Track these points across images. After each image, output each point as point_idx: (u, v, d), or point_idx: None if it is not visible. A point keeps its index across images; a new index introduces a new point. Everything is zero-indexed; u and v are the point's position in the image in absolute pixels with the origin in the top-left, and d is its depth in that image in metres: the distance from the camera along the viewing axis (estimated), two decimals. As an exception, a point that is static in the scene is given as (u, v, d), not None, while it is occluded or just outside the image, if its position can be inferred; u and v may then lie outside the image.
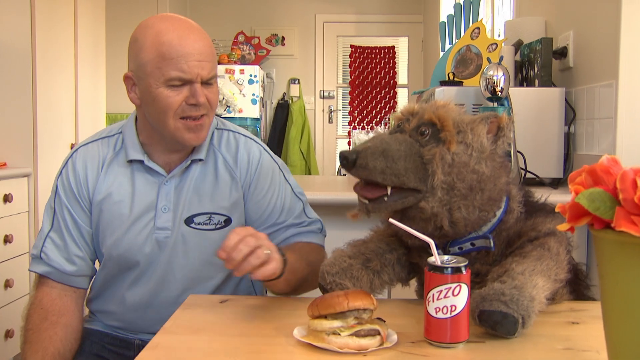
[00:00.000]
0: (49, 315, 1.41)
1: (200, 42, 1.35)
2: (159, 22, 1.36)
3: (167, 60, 1.32)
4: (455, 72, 2.63)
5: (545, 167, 2.31)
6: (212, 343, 1.05)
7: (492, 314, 1.00)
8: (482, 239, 1.16)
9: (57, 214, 1.46)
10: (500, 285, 1.03)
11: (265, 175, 1.48)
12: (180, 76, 1.32)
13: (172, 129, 1.37)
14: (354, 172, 1.12)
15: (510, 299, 1.00)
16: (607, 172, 0.76)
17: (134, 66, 1.37)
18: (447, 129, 1.12)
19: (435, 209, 1.10)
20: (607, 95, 2.12)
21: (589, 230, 0.78)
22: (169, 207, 1.43)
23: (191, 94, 1.34)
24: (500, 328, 1.00)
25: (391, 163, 1.10)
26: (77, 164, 1.47)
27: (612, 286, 0.77)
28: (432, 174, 1.09)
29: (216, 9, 6.49)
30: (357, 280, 1.19)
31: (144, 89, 1.37)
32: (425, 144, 1.12)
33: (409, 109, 1.20)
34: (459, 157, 1.10)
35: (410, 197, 1.11)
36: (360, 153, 1.11)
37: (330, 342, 0.98)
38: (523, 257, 1.11)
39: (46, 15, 3.50)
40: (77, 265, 1.45)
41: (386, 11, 6.67)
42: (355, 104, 6.89)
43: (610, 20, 2.10)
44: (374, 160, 1.10)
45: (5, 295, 3.07)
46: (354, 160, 1.11)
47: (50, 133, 3.56)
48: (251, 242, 1.11)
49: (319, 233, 1.52)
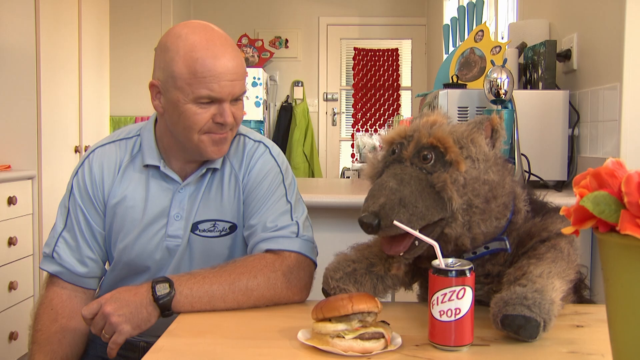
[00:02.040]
0: (59, 317, 1.41)
1: (233, 62, 1.33)
2: (191, 34, 1.33)
3: (200, 79, 1.30)
4: (459, 74, 2.62)
5: (549, 169, 2.30)
6: (216, 346, 1.05)
7: (516, 318, 0.99)
8: (496, 242, 1.16)
9: (70, 213, 1.46)
10: (522, 289, 1.02)
11: (262, 178, 1.45)
12: (210, 95, 1.31)
13: (196, 142, 1.36)
14: (381, 234, 1.10)
15: (532, 302, 1.00)
16: (611, 175, 0.76)
17: (163, 76, 1.35)
18: (451, 150, 1.09)
19: (458, 232, 1.09)
20: (612, 97, 2.12)
21: (593, 233, 0.78)
22: (182, 215, 1.42)
23: (219, 113, 1.34)
24: (524, 332, 1.00)
25: (413, 209, 1.07)
26: (94, 165, 1.46)
27: (617, 289, 0.77)
28: (449, 200, 1.07)
29: (220, 12, 6.50)
30: (361, 285, 1.18)
31: (170, 101, 1.35)
32: (432, 170, 1.10)
33: (400, 132, 1.17)
34: (469, 174, 1.09)
35: (437, 228, 1.10)
36: (380, 213, 1.07)
37: (334, 345, 0.98)
38: (539, 259, 1.10)
39: (51, 19, 3.52)
40: (89, 266, 1.45)
41: (389, 14, 6.67)
42: (358, 106, 6.89)
43: (615, 23, 2.09)
44: (397, 215, 1.07)
45: (10, 297, 3.07)
46: (378, 223, 1.07)
47: (55, 136, 3.57)
48: (99, 324, 1.23)
49: (293, 237, 1.38)
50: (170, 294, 1.22)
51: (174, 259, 1.43)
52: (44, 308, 1.42)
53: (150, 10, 5.67)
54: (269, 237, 1.37)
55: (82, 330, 1.43)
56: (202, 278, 1.26)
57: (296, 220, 1.41)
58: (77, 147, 3.85)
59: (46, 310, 1.42)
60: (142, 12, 5.67)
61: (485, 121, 1.14)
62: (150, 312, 1.22)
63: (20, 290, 3.15)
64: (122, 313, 1.21)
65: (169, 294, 1.22)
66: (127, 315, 1.22)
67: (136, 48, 5.64)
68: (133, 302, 1.23)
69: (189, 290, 1.24)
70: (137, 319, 1.22)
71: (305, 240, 1.40)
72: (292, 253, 1.36)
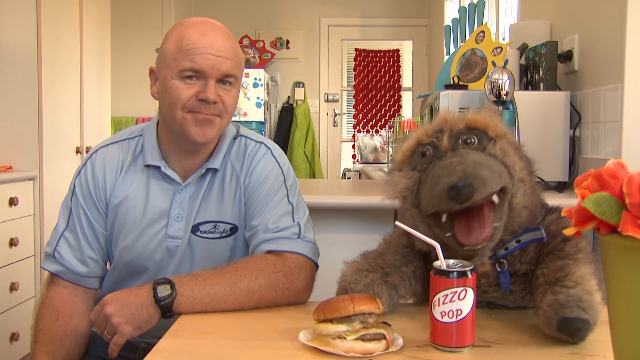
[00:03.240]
0: (60, 316, 1.41)
1: (221, 41, 1.35)
2: (189, 21, 1.39)
3: (184, 52, 1.33)
4: (460, 75, 2.63)
5: (551, 170, 2.30)
6: (217, 347, 1.05)
7: (575, 321, 0.98)
8: (530, 233, 1.12)
9: (72, 213, 1.46)
10: (575, 291, 1.01)
11: (264, 179, 1.44)
12: (193, 67, 1.32)
13: (180, 120, 1.36)
14: (477, 196, 1.00)
15: (588, 305, 0.99)
16: (613, 176, 0.76)
17: (157, 60, 1.40)
18: (492, 127, 1.09)
19: (523, 201, 1.07)
20: (613, 98, 2.11)
21: (595, 234, 0.78)
22: (182, 216, 1.42)
23: (202, 89, 1.34)
24: (579, 335, 0.99)
25: (489, 169, 1.03)
26: (97, 165, 1.47)
27: (619, 291, 0.77)
28: (512, 165, 1.06)
29: (221, 13, 6.50)
30: (379, 296, 1.14)
31: (161, 81, 1.38)
32: (484, 148, 1.08)
33: (426, 131, 1.13)
34: (511, 147, 1.09)
35: (505, 202, 1.06)
36: (469, 176, 1.00)
37: (335, 346, 0.97)
38: (573, 259, 1.09)
39: (52, 20, 3.52)
40: (90, 266, 1.45)
41: (391, 14, 6.67)
42: (359, 107, 6.89)
43: (616, 24, 2.09)
44: (483, 173, 1.01)
45: (11, 298, 3.08)
46: (471, 184, 0.99)
47: (56, 137, 3.57)
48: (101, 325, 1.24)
49: (295, 238, 1.38)
50: (171, 295, 1.22)
51: (174, 260, 1.43)
52: (46, 308, 1.43)
53: (151, 11, 5.68)
54: (270, 238, 1.37)
55: (83, 330, 1.43)
56: (203, 279, 1.26)
57: (298, 222, 1.40)
58: (79, 148, 3.85)
59: (48, 310, 1.42)
60: (144, 14, 5.68)
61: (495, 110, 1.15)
62: (151, 313, 1.23)
63: (21, 291, 3.15)
64: (123, 314, 1.22)
65: (170, 296, 1.22)
66: (128, 316, 1.22)
67: (137, 49, 5.64)
68: (134, 303, 1.23)
69: (190, 291, 1.24)
70: (138, 320, 1.22)
71: (307, 241, 1.39)
72: (293, 254, 1.36)
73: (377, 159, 5.98)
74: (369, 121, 6.88)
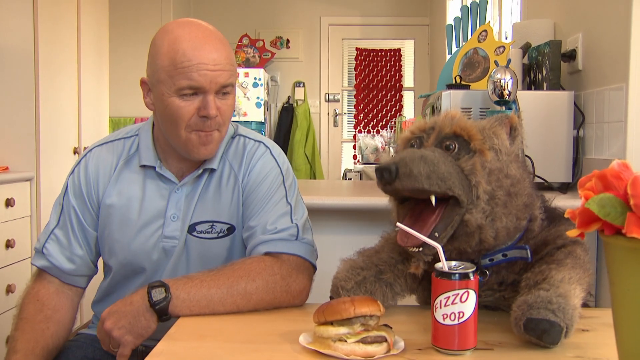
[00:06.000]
0: (44, 308, 1.42)
1: (216, 53, 1.32)
2: (177, 28, 1.34)
3: (179, 69, 1.30)
4: (462, 75, 2.61)
5: (554, 171, 2.29)
6: (217, 350, 1.04)
7: (540, 322, 0.97)
8: (516, 250, 1.13)
9: (64, 212, 1.47)
10: (546, 292, 1.00)
11: (262, 179, 1.43)
12: (191, 84, 1.31)
13: (184, 140, 1.36)
14: (398, 184, 1.04)
15: (557, 307, 0.98)
16: (617, 177, 0.75)
17: (150, 71, 1.37)
18: (476, 138, 1.09)
19: (479, 220, 1.07)
20: (617, 98, 2.10)
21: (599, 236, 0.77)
22: (178, 216, 1.42)
23: (202, 105, 1.33)
24: (547, 337, 0.98)
25: (433, 167, 1.04)
26: (90, 165, 1.47)
27: (624, 293, 0.76)
28: (476, 184, 1.06)
29: (220, 12, 6.50)
30: (372, 294, 1.16)
31: (157, 96, 1.36)
32: (457, 158, 1.08)
33: (420, 126, 1.15)
34: (493, 164, 1.08)
35: (456, 216, 1.07)
36: (399, 162, 1.04)
37: (336, 348, 0.97)
38: (559, 264, 1.08)
39: (49, 20, 3.51)
40: (77, 264, 1.46)
41: (392, 13, 6.66)
42: (360, 107, 6.89)
43: (621, 22, 2.08)
44: (417, 166, 1.03)
45: (7, 300, 3.06)
46: (396, 170, 1.03)
47: (53, 137, 3.56)
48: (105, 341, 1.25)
49: (292, 240, 1.38)
50: (166, 298, 1.22)
51: (171, 260, 1.42)
52: (30, 298, 1.44)
53: (150, 11, 5.66)
54: (268, 240, 1.36)
55: (66, 324, 1.44)
56: (199, 282, 1.25)
57: (296, 223, 1.39)
58: (76, 149, 3.84)
59: (32, 301, 1.43)
60: (142, 13, 5.67)
61: (505, 119, 1.13)
62: (148, 318, 1.22)
63: (18, 293, 3.11)
64: (122, 325, 1.22)
65: (165, 299, 1.21)
66: (127, 326, 1.22)
67: (135, 49, 5.62)
68: (130, 312, 1.23)
69: (186, 294, 1.23)
70: (137, 327, 1.22)
71: (305, 243, 1.39)
72: (291, 256, 1.35)
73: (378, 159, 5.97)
74: (370, 121, 6.88)
